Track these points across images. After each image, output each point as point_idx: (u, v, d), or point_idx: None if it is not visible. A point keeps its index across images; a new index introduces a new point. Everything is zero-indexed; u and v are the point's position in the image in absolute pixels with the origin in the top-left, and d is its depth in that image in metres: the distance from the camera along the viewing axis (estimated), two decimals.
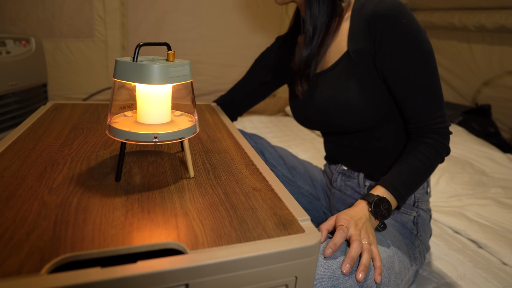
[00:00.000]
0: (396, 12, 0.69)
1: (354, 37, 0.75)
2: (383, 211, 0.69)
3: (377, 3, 0.71)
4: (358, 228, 0.64)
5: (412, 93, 0.72)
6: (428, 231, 0.83)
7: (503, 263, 1.01)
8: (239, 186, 0.57)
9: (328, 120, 0.82)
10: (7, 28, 1.82)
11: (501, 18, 1.91)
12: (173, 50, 0.53)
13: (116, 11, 2.00)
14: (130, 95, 0.56)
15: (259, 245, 0.42)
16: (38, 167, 0.58)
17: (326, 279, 0.61)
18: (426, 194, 0.84)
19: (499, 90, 2.07)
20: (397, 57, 0.71)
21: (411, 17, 0.70)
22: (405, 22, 0.69)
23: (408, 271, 0.73)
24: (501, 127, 2.05)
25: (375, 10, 0.70)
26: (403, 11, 0.69)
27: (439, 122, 0.74)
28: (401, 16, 0.69)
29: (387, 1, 0.70)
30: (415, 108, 0.73)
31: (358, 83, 0.76)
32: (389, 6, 0.70)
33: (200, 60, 2.25)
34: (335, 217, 0.67)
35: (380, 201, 0.68)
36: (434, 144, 0.73)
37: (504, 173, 1.55)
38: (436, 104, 0.73)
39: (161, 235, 0.42)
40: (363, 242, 0.62)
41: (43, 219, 0.44)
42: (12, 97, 1.53)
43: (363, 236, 0.63)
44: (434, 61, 0.72)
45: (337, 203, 0.90)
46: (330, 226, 0.67)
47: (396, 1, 0.70)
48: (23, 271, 0.35)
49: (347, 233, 0.63)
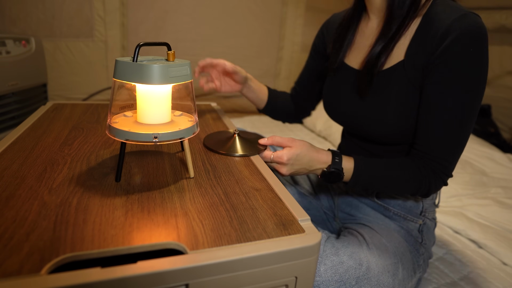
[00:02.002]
0: (470, 37, 0.61)
1: (415, 48, 0.67)
2: (330, 180, 0.71)
3: (455, 20, 0.62)
4: (288, 171, 0.70)
5: (429, 115, 0.67)
6: (432, 239, 0.82)
7: (503, 263, 1.01)
8: (239, 186, 0.57)
9: (359, 125, 0.79)
10: (7, 28, 1.82)
11: (501, 18, 1.91)
12: (173, 50, 0.53)
13: (116, 11, 2.00)
14: (130, 95, 0.56)
15: (259, 245, 0.42)
16: (38, 167, 0.58)
17: (333, 283, 0.61)
18: (434, 205, 0.83)
19: (499, 90, 2.07)
20: (441, 72, 0.64)
21: (482, 49, 0.62)
22: (472, 51, 0.61)
23: (411, 278, 0.72)
24: (501, 127, 2.05)
25: (450, 28, 0.62)
26: (478, 38, 0.61)
27: (442, 166, 0.69)
28: (474, 42, 0.61)
29: (467, 21, 0.61)
30: (425, 131, 0.69)
31: (401, 98, 0.70)
32: (466, 28, 0.61)
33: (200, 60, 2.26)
34: (289, 150, 0.70)
35: (337, 176, 0.70)
36: (424, 175, 0.69)
37: (504, 173, 1.55)
38: (450, 145, 0.67)
39: (161, 235, 0.42)
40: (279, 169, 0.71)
41: (43, 219, 0.44)
42: (12, 97, 1.53)
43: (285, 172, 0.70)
44: (472, 107, 0.65)
45: (342, 204, 0.90)
46: (279, 144, 0.72)
47: (476, 24, 0.61)
48: (23, 271, 0.35)
49: (278, 166, 0.71)
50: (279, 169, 0.71)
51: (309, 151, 0.70)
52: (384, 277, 0.65)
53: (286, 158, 0.68)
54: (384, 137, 0.75)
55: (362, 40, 0.79)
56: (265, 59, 2.56)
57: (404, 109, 0.70)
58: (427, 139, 0.69)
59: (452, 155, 0.68)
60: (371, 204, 0.84)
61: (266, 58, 2.56)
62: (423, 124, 0.69)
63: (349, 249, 0.66)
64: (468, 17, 0.62)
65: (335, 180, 0.71)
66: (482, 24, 0.62)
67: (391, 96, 0.71)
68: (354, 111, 0.78)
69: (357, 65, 0.78)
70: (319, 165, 0.71)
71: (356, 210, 0.86)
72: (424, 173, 0.69)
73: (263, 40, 2.49)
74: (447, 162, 0.68)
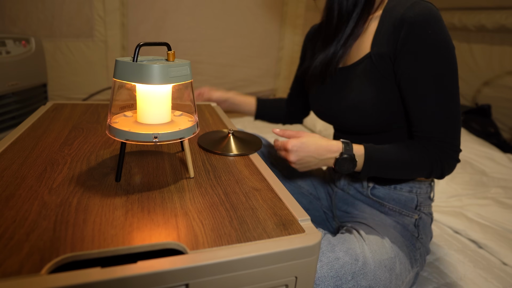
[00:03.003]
0: (423, 20, 0.66)
1: (379, 40, 0.73)
2: (344, 168, 0.72)
3: (408, 8, 0.68)
4: (295, 158, 0.72)
5: (420, 102, 0.70)
6: (429, 234, 0.83)
7: (503, 263, 1.01)
8: (239, 186, 0.57)
9: (339, 117, 0.82)
10: (7, 28, 1.82)
11: (501, 18, 1.91)
12: (173, 50, 0.53)
13: (116, 11, 2.00)
14: (130, 95, 0.56)
15: (259, 245, 0.42)
16: (38, 167, 0.58)
17: (329, 279, 0.61)
18: (429, 199, 0.83)
19: (499, 90, 2.07)
20: (413, 62, 0.68)
21: (440, 28, 0.66)
22: (430, 33, 0.66)
23: (409, 272, 0.73)
24: (501, 127, 2.05)
25: (404, 16, 0.68)
26: (432, 20, 0.66)
27: (448, 143, 0.71)
28: (428, 25, 0.66)
29: (417, 7, 0.67)
30: (420, 118, 0.71)
31: (374, 87, 0.74)
32: (418, 13, 0.66)
33: (200, 60, 2.26)
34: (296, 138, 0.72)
35: (350, 162, 0.71)
36: (434, 154, 0.71)
37: (504, 173, 1.55)
38: (448, 123, 0.70)
39: (161, 235, 0.42)
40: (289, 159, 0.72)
41: (43, 219, 0.44)
42: (12, 97, 1.53)
43: (295, 162, 0.72)
44: (453, 81, 0.69)
45: (339, 202, 0.90)
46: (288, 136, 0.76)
47: (427, 8, 0.67)
48: (23, 271, 0.35)
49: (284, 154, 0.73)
50: (287, 157, 0.73)
51: (316, 139, 0.72)
52: (381, 272, 0.65)
53: (290, 145, 0.71)
54: (368, 126, 0.78)
55: None
56: (265, 59, 2.56)
57: (378, 97, 0.74)
58: (425, 124, 0.71)
59: (453, 130, 0.71)
60: (366, 201, 0.84)
61: (266, 58, 2.56)
62: (416, 111, 0.71)
63: (345, 245, 0.66)
64: (418, 4, 0.67)
65: (349, 167, 0.72)
66: (433, 7, 0.67)
67: (362, 87, 0.75)
68: (330, 107, 0.83)
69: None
70: (329, 154, 0.72)
71: (352, 207, 0.86)
72: (434, 153, 0.71)
73: (263, 40, 2.49)
74: (451, 138, 0.71)
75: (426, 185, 0.82)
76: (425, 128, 0.72)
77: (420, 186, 0.81)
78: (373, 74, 0.74)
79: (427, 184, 0.82)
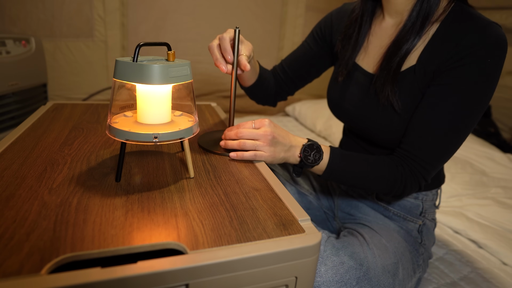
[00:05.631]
0: (488, 49, 0.60)
1: (429, 54, 0.66)
2: (309, 160, 0.68)
3: (478, 30, 0.61)
4: (271, 134, 0.65)
5: (428, 123, 0.65)
6: (432, 239, 0.82)
7: (503, 263, 1.01)
8: (239, 186, 0.57)
9: (363, 127, 0.78)
10: (7, 28, 1.82)
11: (501, 18, 1.91)
12: (173, 50, 0.53)
13: (116, 11, 2.00)
14: (130, 95, 0.56)
15: (259, 245, 0.42)
16: (38, 167, 0.58)
17: (334, 284, 0.61)
18: (434, 206, 0.83)
19: (499, 90, 2.05)
20: (444, 85, 0.63)
21: (497, 62, 0.61)
22: (488, 64, 0.60)
23: (411, 278, 0.72)
24: (501, 127, 2.05)
25: (471, 38, 0.60)
26: (496, 51, 0.60)
27: (424, 169, 0.67)
28: (490, 55, 0.60)
29: (489, 32, 0.60)
30: (417, 137, 0.67)
31: (409, 105, 0.68)
32: (486, 40, 0.60)
33: (200, 60, 2.25)
34: (264, 130, 0.65)
35: (316, 152, 0.67)
36: (401, 174, 0.68)
37: (504, 173, 1.55)
38: (438, 153, 0.66)
39: (161, 235, 0.42)
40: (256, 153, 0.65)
41: (43, 219, 0.44)
42: (12, 97, 1.53)
43: (264, 153, 0.65)
44: (474, 119, 0.64)
45: (342, 204, 0.90)
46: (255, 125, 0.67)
47: (497, 37, 0.60)
48: (23, 271, 0.35)
49: (253, 149, 0.66)
50: (264, 132, 0.65)
51: (278, 131, 0.67)
52: (384, 277, 0.65)
53: (267, 121, 0.66)
54: (387, 142, 0.75)
55: (374, 41, 0.77)
56: (265, 59, 2.56)
57: (411, 113, 0.69)
58: (416, 138, 0.67)
59: (437, 161, 0.67)
60: (371, 204, 0.84)
61: (266, 58, 2.56)
62: (417, 122, 0.67)
63: (350, 249, 0.66)
64: (489, 29, 0.60)
65: (315, 157, 0.68)
66: (503, 37, 0.61)
67: (403, 105, 0.69)
68: (360, 113, 0.77)
69: (367, 66, 0.77)
70: (295, 143, 0.68)
71: (356, 210, 0.86)
72: (402, 172, 0.68)
73: (263, 40, 2.49)
74: (430, 166, 0.67)
75: (433, 192, 0.82)
76: (413, 142, 0.68)
77: (426, 193, 0.80)
78: (412, 88, 0.68)
79: (434, 191, 0.82)
